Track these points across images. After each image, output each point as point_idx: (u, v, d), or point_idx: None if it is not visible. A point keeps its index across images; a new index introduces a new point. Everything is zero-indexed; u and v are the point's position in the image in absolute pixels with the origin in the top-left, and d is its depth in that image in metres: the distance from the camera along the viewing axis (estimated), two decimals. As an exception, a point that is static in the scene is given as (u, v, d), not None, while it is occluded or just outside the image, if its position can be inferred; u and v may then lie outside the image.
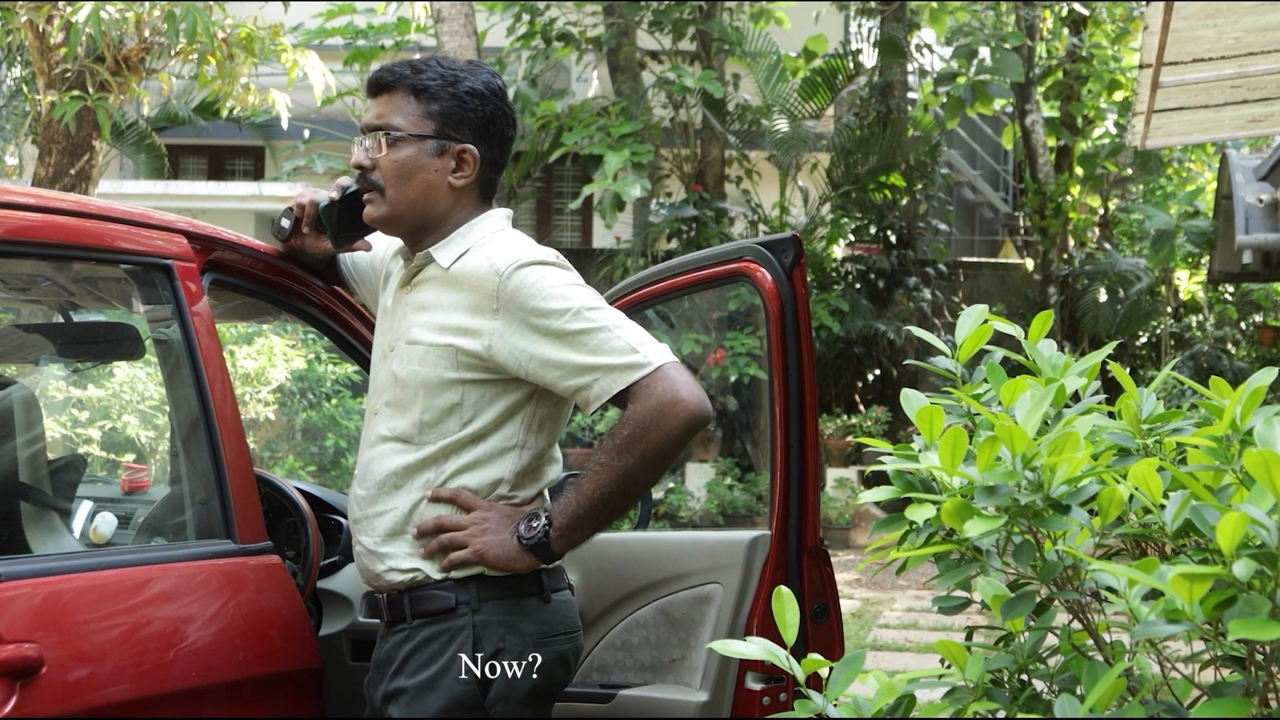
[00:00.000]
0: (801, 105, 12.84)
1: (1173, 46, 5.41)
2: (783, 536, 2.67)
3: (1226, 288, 13.86)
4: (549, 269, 2.24)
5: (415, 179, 2.31)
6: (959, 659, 1.60)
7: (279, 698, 2.42)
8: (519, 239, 2.33)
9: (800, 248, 2.72)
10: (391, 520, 2.30)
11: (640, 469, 2.19)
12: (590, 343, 2.20)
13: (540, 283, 2.22)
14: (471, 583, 2.25)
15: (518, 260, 2.24)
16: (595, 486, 2.20)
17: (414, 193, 2.32)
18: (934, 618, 7.92)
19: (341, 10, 12.71)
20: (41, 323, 3.26)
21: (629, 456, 2.18)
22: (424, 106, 2.31)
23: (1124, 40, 15.25)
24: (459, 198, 2.35)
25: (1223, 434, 1.53)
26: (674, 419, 2.16)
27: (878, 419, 11.87)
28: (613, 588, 2.86)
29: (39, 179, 7.31)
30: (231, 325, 8.14)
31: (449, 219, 2.35)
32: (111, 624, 2.14)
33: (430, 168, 2.31)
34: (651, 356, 2.19)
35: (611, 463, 2.19)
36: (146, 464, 7.20)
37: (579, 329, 2.20)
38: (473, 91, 2.33)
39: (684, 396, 2.16)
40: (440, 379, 2.26)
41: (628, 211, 12.56)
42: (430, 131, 2.31)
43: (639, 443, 2.17)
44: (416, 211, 2.34)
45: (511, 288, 2.21)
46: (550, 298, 2.21)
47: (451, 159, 2.33)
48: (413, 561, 2.28)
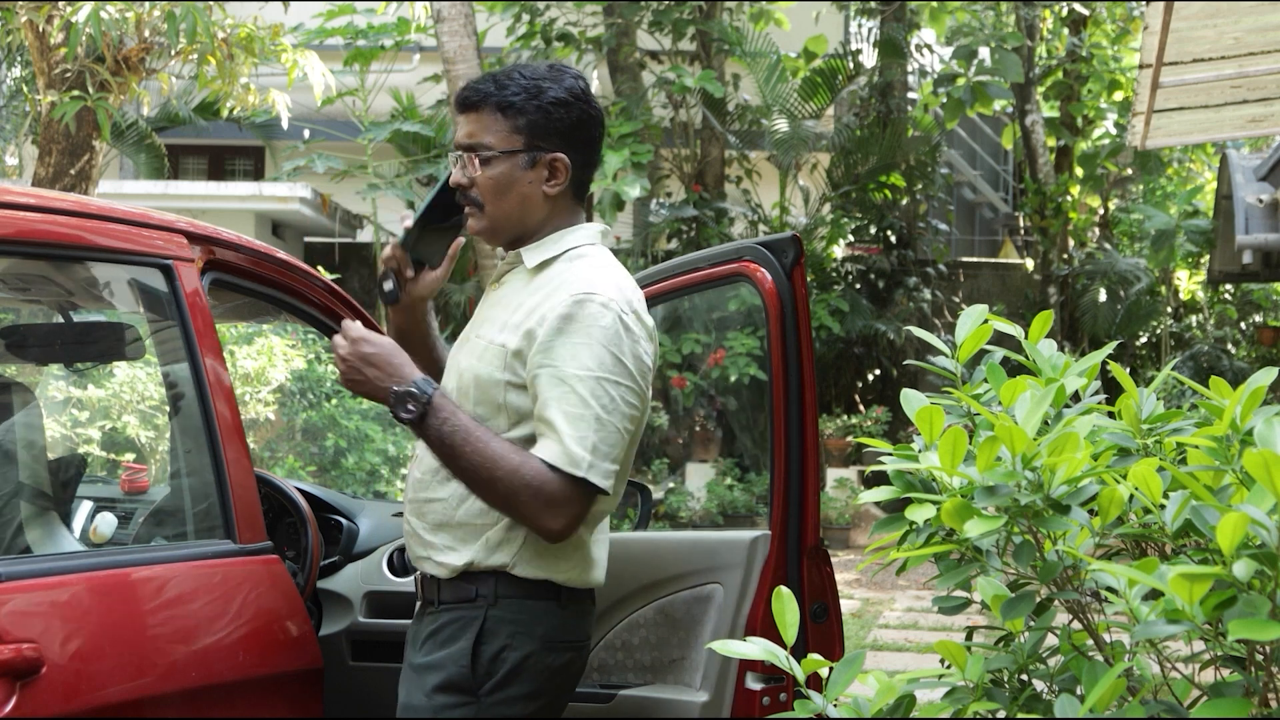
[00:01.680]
0: (801, 105, 12.84)
1: (1173, 46, 5.41)
2: (783, 536, 2.67)
3: (1226, 288, 13.86)
4: (608, 316, 2.24)
5: (511, 193, 2.36)
6: (959, 659, 1.60)
7: (279, 698, 2.42)
8: (606, 266, 2.35)
9: (800, 248, 2.72)
10: (440, 511, 2.35)
11: (487, 487, 2.23)
12: (571, 410, 2.21)
13: (594, 327, 2.23)
14: (492, 577, 2.31)
15: (595, 293, 2.26)
16: (476, 447, 2.22)
17: (510, 206, 2.37)
18: (934, 618, 7.92)
19: (341, 10, 12.70)
20: (41, 323, 3.26)
21: (502, 476, 2.20)
22: (511, 121, 2.35)
23: (1124, 40, 15.25)
24: (554, 204, 2.39)
25: (1223, 434, 1.53)
26: (537, 516, 2.21)
27: (878, 419, 11.87)
28: (613, 588, 2.86)
29: (39, 179, 7.31)
30: (231, 325, 8.14)
31: (546, 225, 2.40)
32: (111, 624, 2.14)
33: (524, 180, 2.36)
34: (590, 474, 2.20)
35: (501, 457, 2.21)
36: (146, 464, 7.20)
37: (578, 392, 2.21)
38: (557, 100, 2.36)
39: (556, 527, 2.21)
40: (491, 377, 2.30)
41: (628, 211, 12.55)
42: (520, 146, 2.35)
43: (512, 492, 2.20)
44: (514, 223, 2.39)
45: (571, 313, 2.24)
46: (587, 343, 2.23)
47: (544, 169, 2.37)
48: (453, 555, 2.32)
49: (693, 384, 11.66)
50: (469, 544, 2.32)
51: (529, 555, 2.30)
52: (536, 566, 2.30)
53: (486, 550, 2.30)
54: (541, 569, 2.30)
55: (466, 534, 2.32)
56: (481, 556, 2.30)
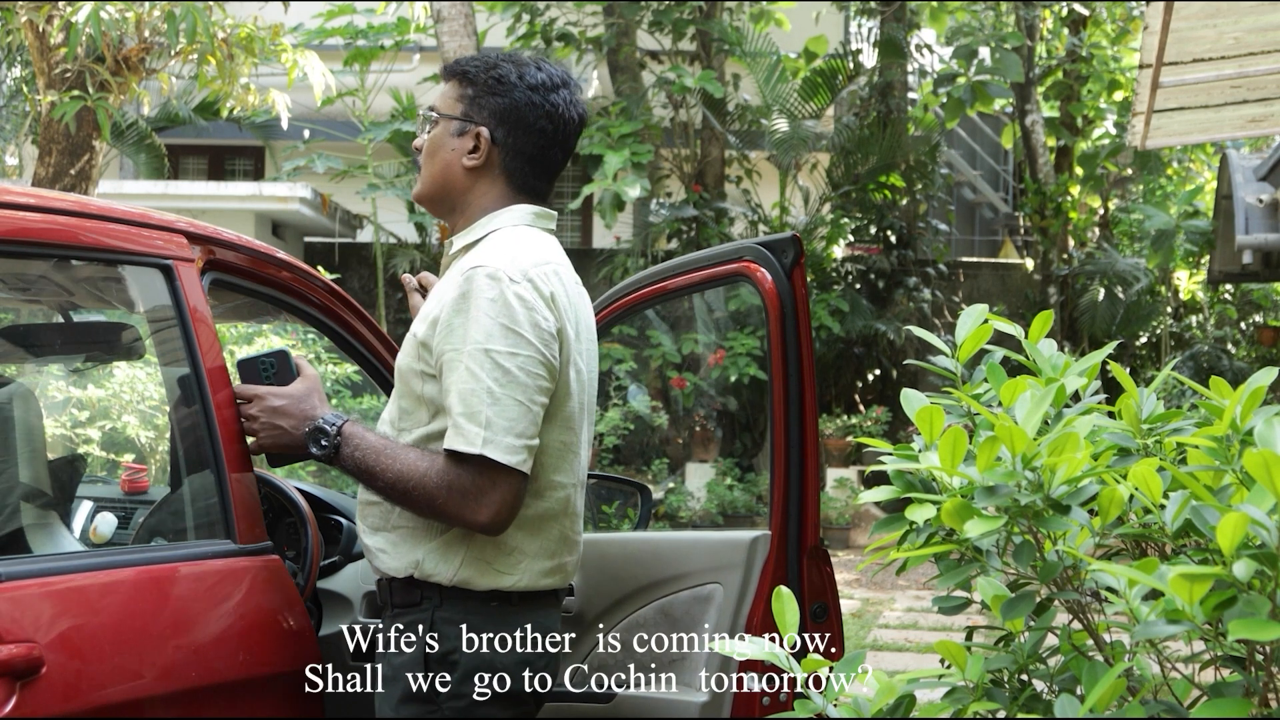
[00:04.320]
0: (801, 105, 12.84)
1: (1173, 46, 5.41)
2: (783, 536, 2.67)
3: (1226, 288, 13.86)
4: (502, 290, 2.19)
5: (436, 158, 2.39)
6: (959, 659, 1.60)
7: (279, 698, 2.42)
8: (518, 243, 2.29)
9: (800, 248, 2.71)
10: (377, 515, 2.34)
11: (407, 502, 2.21)
12: (463, 388, 2.16)
13: (479, 299, 2.18)
14: (436, 586, 2.27)
15: (483, 265, 2.21)
16: (387, 465, 2.21)
17: (434, 170, 2.39)
18: (934, 618, 7.92)
19: (341, 10, 12.71)
20: (41, 323, 3.26)
21: (414, 487, 2.18)
22: (460, 90, 2.39)
23: (1124, 40, 15.25)
24: (477, 180, 2.37)
25: (1223, 434, 1.53)
26: (460, 514, 2.17)
27: (878, 419, 11.87)
28: (613, 588, 2.86)
29: (39, 179, 7.31)
30: (231, 325, 8.13)
31: (469, 204, 2.38)
32: (111, 624, 2.14)
33: (448, 148, 2.37)
34: (487, 450, 2.13)
35: (409, 468, 2.19)
36: (146, 464, 7.20)
37: (468, 367, 2.16)
38: (501, 78, 2.36)
39: (483, 519, 2.16)
40: (409, 368, 2.29)
41: (628, 211, 12.56)
42: (457, 114, 2.37)
43: (428, 498, 2.18)
44: (436, 187, 2.40)
45: (460, 290, 2.20)
46: (475, 317, 2.17)
47: (470, 140, 2.36)
48: (389, 559, 2.30)
49: (693, 384, 11.66)
50: (407, 547, 2.28)
51: (468, 575, 2.24)
52: (476, 585, 2.25)
53: (422, 567, 2.26)
54: (488, 582, 2.25)
55: (403, 537, 2.29)
56: (419, 572, 2.26)
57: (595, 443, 11.24)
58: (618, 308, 3.02)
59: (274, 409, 2.33)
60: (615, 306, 3.02)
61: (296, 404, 2.33)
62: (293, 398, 2.33)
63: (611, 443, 11.13)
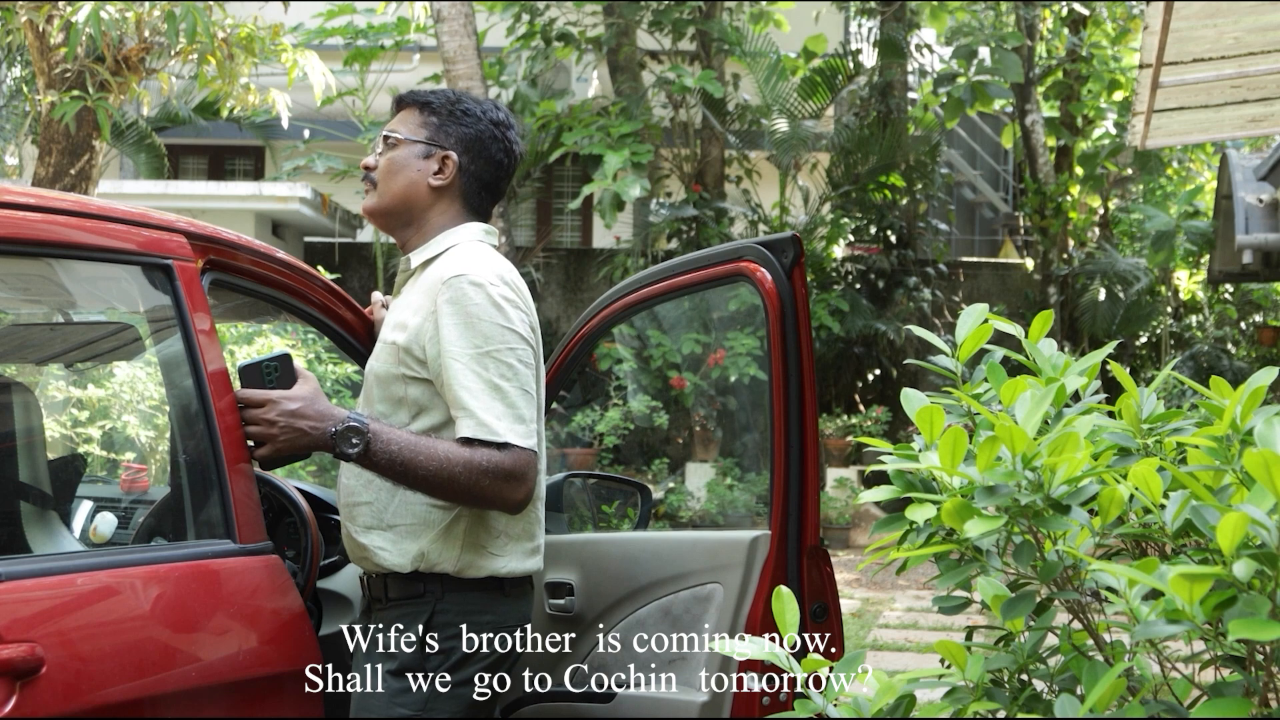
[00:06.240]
0: (801, 105, 12.84)
1: (1173, 46, 5.41)
2: (783, 536, 2.67)
3: (1226, 288, 13.86)
4: (486, 294, 2.39)
5: (400, 175, 2.57)
6: (959, 659, 1.60)
7: (279, 698, 2.42)
8: (482, 254, 2.49)
9: (800, 248, 2.72)
10: (369, 514, 2.49)
11: (448, 488, 2.33)
12: (473, 386, 2.34)
13: (469, 304, 2.37)
14: (438, 577, 2.44)
15: (464, 273, 2.40)
16: (428, 454, 2.32)
17: (398, 186, 2.57)
18: (934, 618, 7.92)
19: (341, 10, 12.71)
20: (41, 323, 3.26)
21: (460, 473, 2.31)
22: (423, 118, 2.60)
23: (1124, 40, 15.24)
24: (438, 200, 2.58)
25: (1223, 434, 1.53)
26: (500, 494, 2.33)
27: (878, 419, 11.87)
28: (613, 588, 2.86)
29: (39, 179, 7.31)
30: (231, 325, 8.13)
31: (428, 221, 2.58)
32: (111, 624, 2.14)
33: (414, 167, 2.57)
34: (510, 437, 2.32)
35: (452, 454, 2.32)
36: (146, 464, 7.20)
37: (472, 369, 2.35)
38: (467, 111, 2.60)
39: (519, 497, 2.35)
40: (389, 374, 2.46)
41: (628, 211, 12.55)
42: (422, 138, 2.58)
43: (473, 482, 2.32)
44: (398, 202, 2.58)
45: (447, 297, 2.38)
46: (469, 321, 2.36)
47: (436, 163, 2.57)
48: (388, 555, 2.45)
49: (693, 384, 11.66)
50: (409, 542, 2.44)
51: (470, 559, 2.43)
52: (479, 568, 2.43)
53: (427, 559, 2.42)
54: (485, 568, 2.44)
55: (401, 534, 2.44)
56: (424, 564, 2.42)
57: (595, 442, 11.25)
58: (618, 308, 3.02)
59: (292, 412, 2.37)
60: (615, 306, 3.02)
61: (311, 405, 2.38)
62: (305, 399, 2.39)
63: (611, 443, 11.13)
